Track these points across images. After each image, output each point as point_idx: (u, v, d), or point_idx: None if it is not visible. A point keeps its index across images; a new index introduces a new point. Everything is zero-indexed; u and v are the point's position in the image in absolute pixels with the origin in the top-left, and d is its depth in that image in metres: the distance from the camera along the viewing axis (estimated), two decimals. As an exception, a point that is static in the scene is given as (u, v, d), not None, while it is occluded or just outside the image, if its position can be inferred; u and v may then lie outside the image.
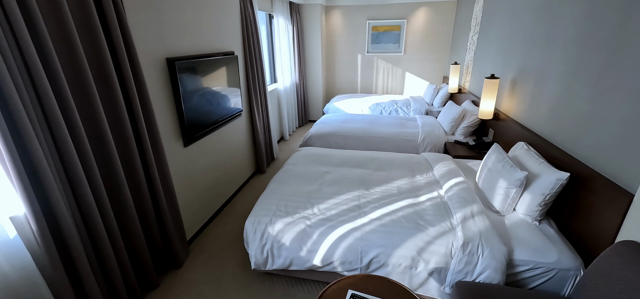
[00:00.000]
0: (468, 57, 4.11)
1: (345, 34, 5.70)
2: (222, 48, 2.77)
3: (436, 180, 2.26)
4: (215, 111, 2.64)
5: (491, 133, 2.93)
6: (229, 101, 2.87)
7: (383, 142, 3.38)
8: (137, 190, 1.82)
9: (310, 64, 5.60)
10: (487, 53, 3.41)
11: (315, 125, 3.84)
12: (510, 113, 2.65)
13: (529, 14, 2.46)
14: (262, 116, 3.64)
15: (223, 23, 2.78)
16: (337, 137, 3.51)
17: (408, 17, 5.33)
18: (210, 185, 2.70)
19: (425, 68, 5.58)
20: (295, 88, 5.22)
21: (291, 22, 4.88)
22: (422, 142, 3.26)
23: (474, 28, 3.91)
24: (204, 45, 2.50)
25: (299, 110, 5.49)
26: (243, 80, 3.22)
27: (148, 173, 1.88)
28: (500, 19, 3.07)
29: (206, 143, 2.60)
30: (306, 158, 2.72)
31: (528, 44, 2.43)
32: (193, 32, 2.34)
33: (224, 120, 2.77)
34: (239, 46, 3.11)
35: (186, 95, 2.20)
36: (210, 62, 2.49)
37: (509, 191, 1.82)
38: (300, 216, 1.87)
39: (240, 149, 3.24)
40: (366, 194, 2.08)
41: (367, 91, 6.01)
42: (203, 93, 2.44)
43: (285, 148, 4.58)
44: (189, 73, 2.23)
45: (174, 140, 2.21)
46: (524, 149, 2.09)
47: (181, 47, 2.21)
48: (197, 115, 2.37)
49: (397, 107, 4.79)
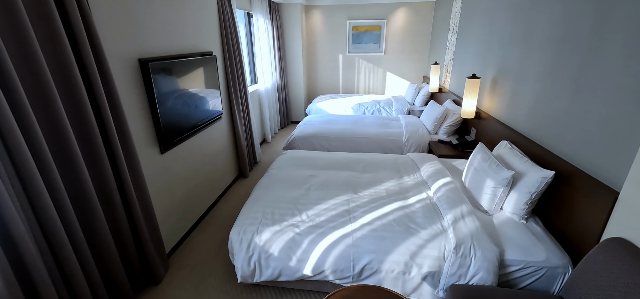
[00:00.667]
0: (448, 56, 4.18)
1: (326, 33, 5.65)
2: (199, 48, 2.63)
3: (424, 181, 2.25)
4: (194, 114, 2.49)
5: (473, 132, 2.98)
6: (208, 103, 2.73)
7: (367, 143, 3.36)
8: (109, 203, 1.67)
9: (291, 65, 5.50)
10: (466, 53, 3.47)
11: (298, 127, 3.76)
12: (492, 112, 2.70)
13: (506, 14, 2.51)
14: (244, 118, 3.51)
15: (199, 22, 2.64)
16: (321, 138, 3.45)
17: (388, 17, 5.37)
18: (190, 193, 2.55)
19: (406, 68, 5.65)
20: (276, 89, 5.10)
21: (271, 21, 4.76)
22: (406, 142, 3.27)
23: (453, 28, 3.98)
24: (180, 45, 2.36)
25: (281, 111, 5.38)
26: (222, 82, 3.08)
27: (121, 184, 1.73)
28: (479, 20, 3.13)
29: (185, 148, 2.45)
30: (291, 162, 2.64)
31: (506, 44, 2.48)
32: (167, 31, 2.19)
33: (203, 123, 2.63)
34: (218, 46, 2.97)
35: (162, 98, 2.05)
36: (187, 62, 2.35)
37: (496, 191, 1.83)
38: (288, 224, 1.79)
39: (221, 153, 3.10)
40: (355, 198, 2.03)
41: (349, 91, 6.00)
42: (180, 96, 2.29)
43: (268, 150, 4.46)
44: (165, 75, 2.08)
45: (150, 146, 2.05)
46: (507, 148, 2.12)
47: (155, 47, 2.06)
48: (174, 120, 2.22)
49: (380, 106, 4.81)
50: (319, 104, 5.04)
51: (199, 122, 2.55)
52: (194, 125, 2.49)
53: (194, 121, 2.49)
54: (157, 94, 1.99)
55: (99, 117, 1.57)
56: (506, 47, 2.48)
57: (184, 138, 2.40)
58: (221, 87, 3.02)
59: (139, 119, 1.94)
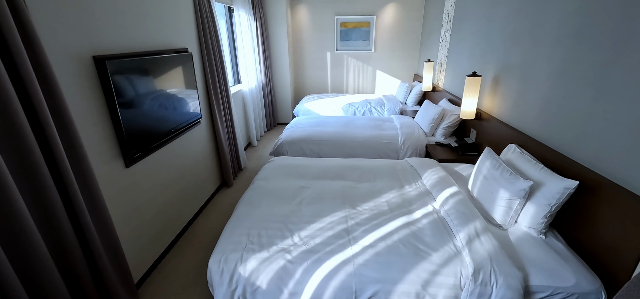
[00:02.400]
0: (441, 54, 4.01)
1: (313, 30, 5.39)
2: (171, 44, 2.31)
3: (427, 191, 2.04)
4: (167, 120, 2.18)
5: (473, 133, 2.81)
6: (185, 107, 2.42)
7: (361, 147, 3.13)
8: (55, 233, 1.35)
9: (277, 63, 5.21)
10: (462, 50, 3.30)
11: (286, 130, 3.49)
12: (494, 112, 2.52)
13: (508, 8, 2.33)
14: (226, 121, 3.21)
15: (171, 14, 2.32)
16: (310, 143, 3.19)
17: (377, 13, 5.16)
18: (165, 209, 2.24)
19: (396, 66, 5.46)
20: (261, 89, 4.80)
21: (254, 17, 4.45)
22: (402, 145, 3.06)
23: (446, 24, 3.81)
24: (148, 40, 2.04)
25: (267, 112, 5.08)
26: (201, 82, 2.77)
27: (71, 208, 1.42)
28: (475, 15, 2.96)
29: (157, 159, 2.14)
30: (279, 171, 2.37)
31: (509, 39, 2.30)
32: (132, 25, 1.88)
33: (178, 129, 2.32)
34: (194, 42, 2.66)
35: (125, 102, 1.74)
36: (157, 60, 2.03)
37: (511, 203, 1.64)
38: (278, 249, 1.53)
39: (201, 162, 2.79)
40: (353, 214, 1.79)
41: (338, 90, 5.76)
42: (149, 99, 1.98)
43: (254, 155, 4.16)
44: (129, 75, 1.77)
45: (111, 160, 1.74)
46: (517, 152, 1.94)
47: (115, 42, 1.74)
48: (142, 127, 1.91)
49: (371, 106, 4.60)
50: (307, 105, 4.78)
51: (173, 127, 2.25)
52: (168, 131, 2.18)
53: (168, 127, 2.18)
54: (119, 99, 1.68)
55: (37, 127, 1.25)
56: (509, 43, 2.31)
57: (155, 147, 2.08)
58: (199, 88, 2.71)
59: (95, 129, 1.62)
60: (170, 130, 2.21)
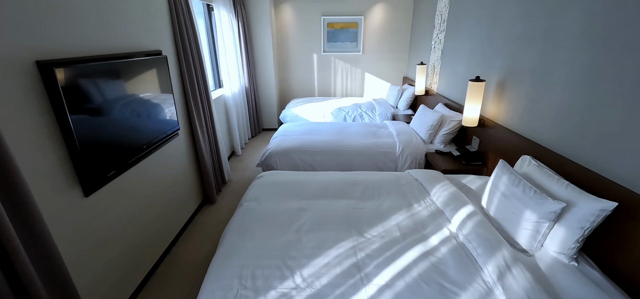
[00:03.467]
0: (434, 57, 3.87)
1: (299, 31, 5.12)
2: (142, 46, 1.99)
3: (439, 210, 1.84)
4: (138, 135, 1.86)
5: (476, 141, 2.65)
6: (159, 118, 2.09)
7: (357, 156, 2.91)
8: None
9: (260, 65, 4.90)
10: (459, 53, 3.16)
11: (274, 139, 3.21)
12: (499, 119, 2.37)
13: (517, 9, 2.19)
14: (207, 131, 2.88)
15: (142, 12, 2.00)
16: (302, 153, 2.93)
17: (365, 13, 4.97)
18: (137, 239, 1.91)
19: (384, 69, 5.30)
20: (245, 93, 4.48)
21: (235, 16, 4.13)
22: (400, 154, 2.87)
23: (440, 26, 3.67)
24: (112, 42, 1.71)
25: (251, 118, 4.76)
26: (178, 89, 2.44)
27: (4, 256, 1.09)
28: (475, 16, 2.81)
29: (126, 181, 1.81)
30: (272, 189, 2.10)
31: (517, 42, 2.16)
32: (91, 24, 1.55)
33: (152, 144, 2.00)
34: (169, 43, 2.33)
35: (82, 118, 1.41)
36: (124, 66, 1.71)
37: (539, 226, 1.46)
38: (278, 295, 1.26)
39: (180, 179, 2.46)
40: (362, 243, 1.55)
41: (325, 94, 5.53)
42: (115, 112, 1.65)
43: (239, 166, 3.84)
44: (87, 85, 1.44)
45: (65, 189, 1.41)
46: (534, 166, 1.78)
47: (69, 44, 1.41)
48: (106, 146, 1.58)
49: (362, 111, 4.40)
50: (294, 110, 4.51)
51: (146, 143, 1.92)
52: (139, 148, 1.86)
53: (139, 143, 1.86)
54: (73, 113, 1.35)
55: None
56: (517, 47, 2.16)
57: (124, 168, 1.75)
58: (176, 96, 2.38)
59: (42, 152, 1.29)
60: (142, 146, 1.88)
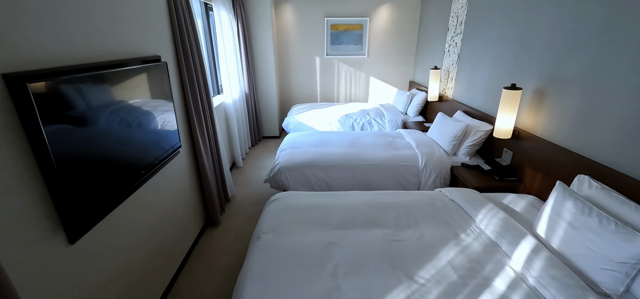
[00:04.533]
0: (448, 61, 3.66)
1: (301, 33, 4.85)
2: (137, 50, 1.68)
3: (492, 242, 1.59)
4: (134, 160, 1.55)
5: (507, 154, 2.43)
6: (158, 136, 1.78)
7: (375, 171, 2.65)
8: None
9: (261, 69, 4.60)
10: (480, 57, 2.95)
11: (282, 152, 2.92)
12: (538, 131, 2.16)
13: (558, 8, 1.98)
14: (210, 145, 2.57)
15: (136, 10, 1.69)
16: (315, 168, 2.66)
17: (371, 14, 4.74)
18: (132, 282, 1.60)
19: (390, 73, 5.08)
20: (245, 99, 4.17)
21: (235, 17, 3.83)
22: (424, 168, 2.63)
23: (455, 28, 3.46)
24: (101, 46, 1.40)
25: (251, 126, 4.45)
26: (179, 100, 2.13)
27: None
28: (502, 17, 2.60)
29: (119, 217, 1.50)
30: (291, 217, 1.81)
31: (561, 45, 1.94)
32: (74, 25, 1.24)
33: (151, 169, 1.68)
34: (168, 47, 2.02)
35: (64, 146, 1.10)
36: (116, 76, 1.40)
37: (627, 267, 1.23)
38: None
39: (180, 202, 2.15)
40: (416, 291, 1.28)
41: (328, 99, 5.26)
42: (105, 136, 1.34)
43: (241, 180, 3.53)
44: (71, 101, 1.13)
45: (45, 237, 1.09)
46: (596, 188, 1.56)
47: (47, 50, 1.10)
48: (95, 179, 1.27)
49: (370, 118, 4.15)
50: (298, 117, 4.23)
51: (144, 167, 1.61)
52: (135, 175, 1.54)
53: (135, 169, 1.54)
54: (53, 141, 1.04)
55: None
56: (561, 51, 1.95)
57: (118, 201, 1.44)
58: (177, 109, 2.08)
59: (12, 191, 0.98)
60: (139, 172, 1.57)
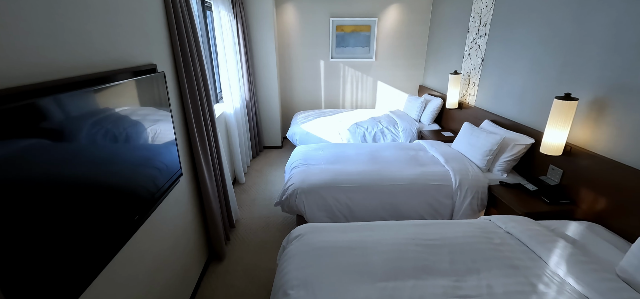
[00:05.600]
0: (469, 65, 3.38)
1: (304, 34, 4.50)
2: (128, 59, 1.31)
3: (581, 294, 1.29)
4: (124, 205, 1.18)
5: (556, 172, 2.15)
6: (155, 167, 1.41)
7: (404, 192, 2.33)
8: None
9: (262, 74, 4.24)
10: (512, 62, 2.67)
11: (294, 169, 2.57)
12: (599, 148, 1.88)
13: (634, 3, 1.70)
14: (213, 168, 2.20)
15: (125, 10, 1.32)
16: (335, 190, 2.32)
17: (379, 15, 4.43)
18: None
19: (399, 77, 4.79)
20: (245, 107, 3.80)
21: (235, 17, 3.46)
22: (458, 188, 2.32)
23: (478, 30, 3.18)
24: (82, 55, 1.03)
25: (252, 136, 4.08)
26: (178, 117, 1.76)
27: None
28: (542, 17, 2.33)
29: (107, 280, 1.12)
30: (321, 262, 1.47)
31: (634, 48, 1.67)
32: (46, 28, 0.87)
33: (147, 209, 1.31)
34: (166, 54, 1.65)
35: (22, 200, 0.74)
36: (101, 94, 1.03)
37: None
38: None
39: (180, 240, 1.78)
40: None
41: (333, 106, 4.93)
42: (87, 176, 0.97)
43: (245, 199, 3.15)
44: (39, 129, 0.77)
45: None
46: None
47: (7, 61, 0.73)
48: (73, 244, 0.90)
49: (383, 127, 3.83)
50: (304, 126, 3.88)
51: (138, 212, 1.24)
52: (127, 223, 1.18)
53: (126, 216, 1.18)
54: (7, 197, 0.67)
55: None
56: (633, 56, 1.67)
57: (104, 264, 1.07)
58: (177, 130, 1.71)
59: None
60: (133, 218, 1.20)
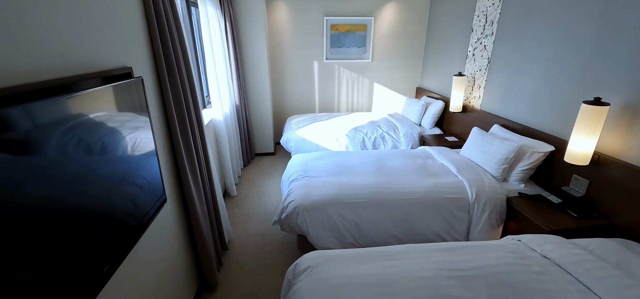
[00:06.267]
0: (472, 66, 3.22)
1: (297, 34, 4.24)
2: (96, 62, 1.02)
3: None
4: (94, 251, 0.89)
5: (581, 183, 1.99)
6: (132, 195, 1.13)
7: (417, 207, 2.12)
8: None
9: (253, 76, 3.95)
10: (524, 63, 2.51)
11: (293, 182, 2.32)
12: (632, 157, 1.72)
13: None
14: (204, 188, 1.91)
15: (92, 2, 1.03)
16: (342, 207, 2.08)
17: (376, 14, 4.23)
18: None
19: (396, 79, 4.60)
20: (236, 112, 3.50)
21: (222, 15, 3.17)
22: (475, 201, 2.13)
23: (483, 29, 3.02)
24: (29, 57, 0.74)
25: (243, 143, 3.78)
26: (161, 134, 1.47)
27: None
28: (557, 17, 2.17)
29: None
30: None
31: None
32: None
33: (124, 249, 1.03)
34: (144, 56, 1.36)
35: None
36: (61, 105, 0.75)
37: None
38: None
39: (165, 272, 1.49)
40: None
41: (328, 109, 4.69)
42: (44, 220, 0.69)
43: (238, 215, 2.86)
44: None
45: None
46: None
47: None
48: None
49: (383, 131, 3.62)
50: (299, 132, 3.62)
51: (108, 262, 0.96)
52: (94, 275, 0.89)
53: (95, 267, 0.89)
54: None
55: None
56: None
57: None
58: (159, 146, 1.42)
59: None
60: (102, 271, 0.92)
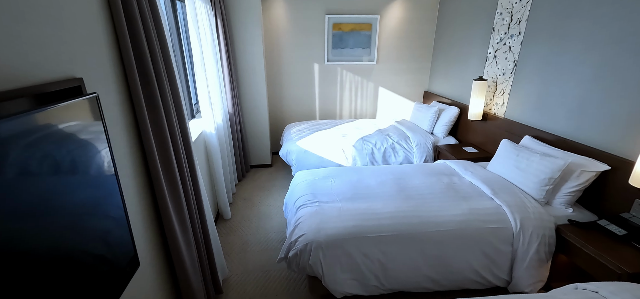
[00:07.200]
0: (494, 69, 2.91)
1: (296, 34, 3.85)
2: (25, 71, 0.61)
3: None
4: None
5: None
6: (77, 271, 0.73)
7: (453, 241, 1.76)
8: None
9: (247, 80, 3.54)
10: (563, 67, 2.20)
11: (302, 209, 1.93)
12: None
13: None
14: (193, 224, 1.49)
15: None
16: (365, 242, 1.71)
17: (381, 12, 3.88)
18: None
19: (402, 82, 4.27)
20: (229, 122, 3.09)
21: (214, 12, 2.76)
22: (520, 232, 1.79)
23: (508, 28, 2.71)
24: None
25: (237, 156, 3.36)
26: (131, 171, 1.06)
27: None
28: (613, 10, 1.86)
29: None
30: None
31: None
32: None
33: None
34: (106, 62, 0.95)
35: None
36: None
37: None
38: None
39: None
40: None
41: (330, 116, 4.31)
42: None
43: (233, 244, 2.44)
44: None
45: None
46: None
47: None
48: None
49: (393, 141, 3.27)
50: (301, 143, 3.23)
51: None
52: None
53: None
54: None
55: None
56: None
57: None
58: (124, 188, 1.01)
59: None
60: None
